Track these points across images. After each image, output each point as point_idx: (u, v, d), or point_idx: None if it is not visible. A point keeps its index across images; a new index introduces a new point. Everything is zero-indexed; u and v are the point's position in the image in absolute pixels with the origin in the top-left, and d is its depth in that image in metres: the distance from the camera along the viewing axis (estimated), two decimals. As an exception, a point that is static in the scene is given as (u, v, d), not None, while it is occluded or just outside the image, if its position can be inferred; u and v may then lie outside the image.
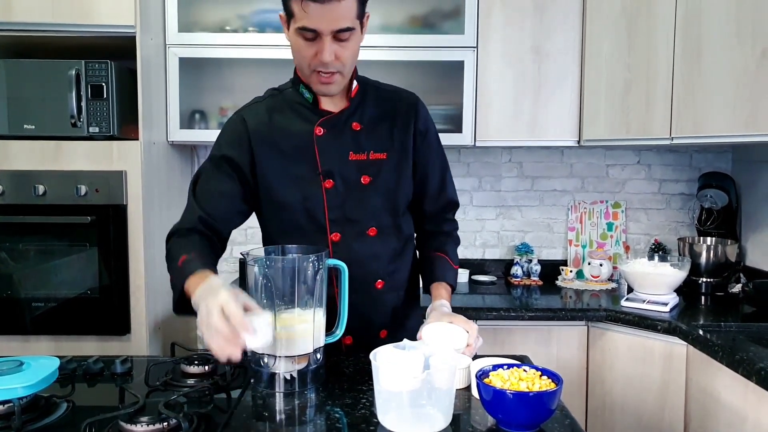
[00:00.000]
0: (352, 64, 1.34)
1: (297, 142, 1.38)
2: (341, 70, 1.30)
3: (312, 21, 1.22)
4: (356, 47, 1.31)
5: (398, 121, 1.43)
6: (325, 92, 1.35)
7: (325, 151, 1.38)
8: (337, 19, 1.22)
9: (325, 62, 1.26)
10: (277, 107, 1.42)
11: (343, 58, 1.28)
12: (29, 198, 2.07)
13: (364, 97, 1.43)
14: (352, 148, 1.39)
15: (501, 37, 2.40)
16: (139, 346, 2.14)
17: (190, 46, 2.36)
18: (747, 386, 1.59)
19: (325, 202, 1.38)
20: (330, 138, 1.38)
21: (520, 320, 2.18)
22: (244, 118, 1.41)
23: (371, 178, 1.39)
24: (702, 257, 2.39)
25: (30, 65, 2.08)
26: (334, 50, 1.26)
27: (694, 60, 2.11)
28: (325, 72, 1.29)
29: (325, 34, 1.23)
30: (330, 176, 1.38)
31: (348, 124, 1.40)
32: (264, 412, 1.14)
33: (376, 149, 1.40)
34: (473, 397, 1.19)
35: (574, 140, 2.44)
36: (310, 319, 1.22)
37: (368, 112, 1.42)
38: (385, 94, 1.47)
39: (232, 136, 1.41)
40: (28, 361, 1.16)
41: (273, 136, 1.39)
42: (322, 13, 1.20)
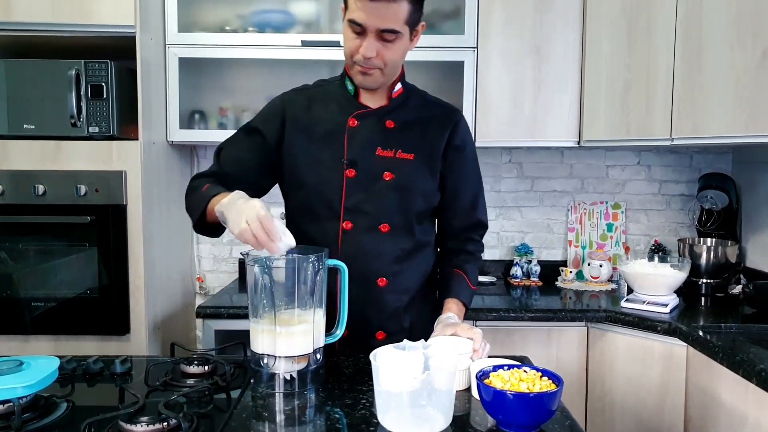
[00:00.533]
0: (394, 66, 1.37)
1: (329, 129, 1.43)
2: (381, 68, 1.35)
3: (360, 16, 1.27)
4: (401, 51, 1.35)
5: (433, 128, 1.46)
6: (363, 84, 1.39)
7: (354, 141, 1.41)
8: (384, 19, 1.27)
9: (366, 57, 1.31)
10: (318, 97, 1.48)
11: (385, 57, 1.33)
12: (29, 198, 2.07)
13: (406, 101, 1.47)
14: (381, 143, 1.42)
15: (501, 37, 2.40)
16: (138, 346, 2.14)
17: (189, 46, 2.36)
18: (747, 387, 1.59)
19: (344, 189, 1.40)
20: (362, 130, 1.42)
21: (520, 321, 2.18)
22: (284, 99, 1.49)
23: (393, 176, 1.41)
24: (702, 258, 2.39)
25: (30, 65, 2.08)
26: (377, 48, 1.31)
27: (695, 60, 2.11)
28: (364, 66, 1.34)
29: (370, 31, 1.29)
30: (353, 166, 1.40)
31: (383, 120, 1.43)
32: (264, 413, 1.13)
33: (405, 149, 1.42)
34: (473, 398, 1.19)
35: (574, 141, 2.44)
36: (309, 320, 1.22)
37: (406, 114, 1.46)
38: (428, 103, 1.51)
39: (268, 113, 1.49)
40: (27, 360, 1.16)
41: (307, 120, 1.45)
42: (371, 10, 1.26)
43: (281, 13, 2.44)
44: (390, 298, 1.45)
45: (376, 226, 1.42)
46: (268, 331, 1.20)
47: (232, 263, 2.81)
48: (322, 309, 1.26)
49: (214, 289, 2.77)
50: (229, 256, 2.81)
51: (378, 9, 1.26)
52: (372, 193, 1.40)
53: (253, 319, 1.23)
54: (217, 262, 2.81)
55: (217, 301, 2.32)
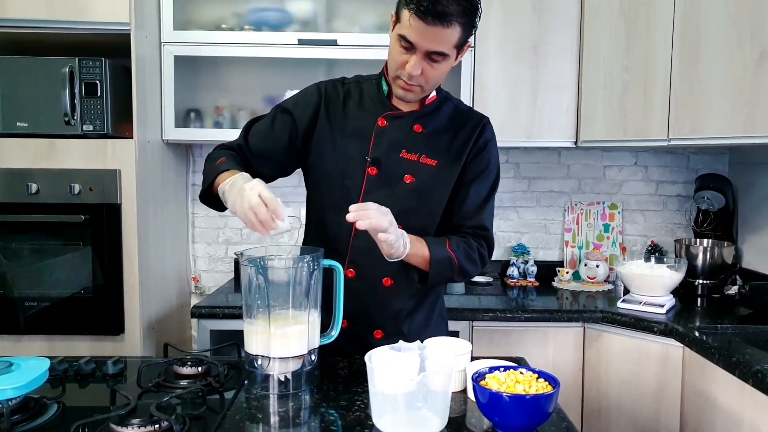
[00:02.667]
0: (435, 84, 1.39)
1: (359, 125, 1.44)
2: (423, 86, 1.35)
3: (412, 34, 1.26)
4: (445, 70, 1.35)
5: (460, 137, 1.45)
6: (403, 97, 1.39)
7: (380, 141, 1.42)
8: (435, 41, 1.26)
9: (411, 75, 1.31)
10: (353, 93, 1.48)
11: (428, 76, 1.33)
12: (22, 196, 2.05)
13: (438, 109, 1.47)
14: (407, 146, 1.42)
15: (499, 37, 2.39)
16: (132, 346, 2.12)
17: (185, 44, 2.35)
18: (743, 388, 1.59)
19: (363, 186, 1.41)
20: (390, 131, 1.43)
21: (517, 321, 2.17)
22: (321, 89, 1.48)
23: (414, 179, 1.41)
24: (698, 259, 2.39)
25: (23, 62, 2.07)
26: (423, 67, 1.30)
27: (692, 61, 2.11)
28: (407, 81, 1.33)
29: (419, 50, 1.28)
30: (376, 164, 1.41)
31: (411, 124, 1.43)
32: (258, 414, 1.12)
33: (429, 155, 1.42)
34: (469, 400, 1.18)
35: (571, 141, 2.44)
36: (304, 321, 1.21)
37: (436, 121, 1.45)
38: (460, 112, 1.50)
39: (303, 98, 1.48)
40: (17, 362, 1.14)
41: (340, 114, 1.46)
42: (424, 32, 1.25)
43: (278, 12, 2.42)
44: (394, 300, 1.44)
45: None
46: (262, 332, 1.19)
47: (227, 263, 2.80)
48: (317, 310, 1.25)
49: (209, 289, 2.76)
50: (224, 255, 2.80)
51: (431, 32, 1.25)
52: (391, 193, 1.40)
53: (248, 320, 1.22)
54: (212, 261, 2.80)
55: (213, 300, 2.30)
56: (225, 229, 2.79)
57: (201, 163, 2.76)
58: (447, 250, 1.40)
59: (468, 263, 1.42)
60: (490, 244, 1.48)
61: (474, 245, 1.44)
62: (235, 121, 2.53)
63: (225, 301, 2.30)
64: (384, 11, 2.35)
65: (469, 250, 1.43)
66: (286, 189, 2.78)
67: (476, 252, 1.44)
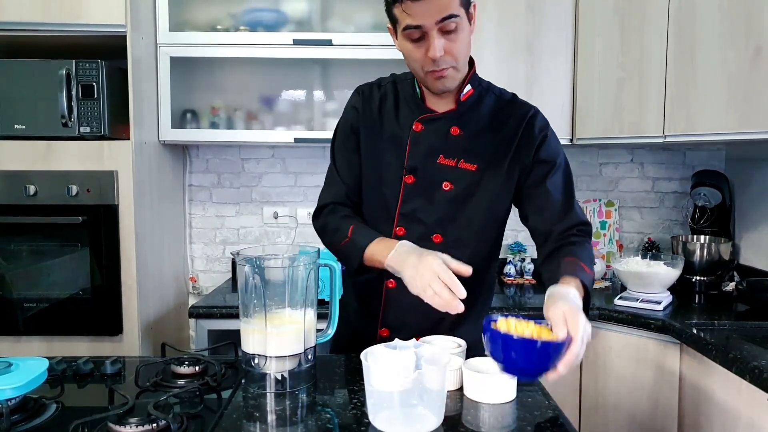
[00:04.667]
0: (465, 58, 1.29)
1: (395, 131, 1.38)
2: (454, 65, 1.26)
3: (415, 18, 1.20)
4: (466, 39, 1.26)
5: (504, 134, 1.36)
6: (442, 88, 1.30)
7: (416, 147, 1.36)
8: (438, 8, 1.19)
9: (436, 58, 1.23)
10: (389, 96, 1.42)
11: (454, 51, 1.24)
12: (20, 198, 2.06)
13: (478, 104, 1.38)
14: (444, 151, 1.35)
15: (493, 35, 2.39)
16: (131, 347, 2.13)
17: (181, 46, 2.35)
18: (740, 385, 1.59)
19: (401, 195, 1.36)
20: (425, 136, 1.36)
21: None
22: (359, 94, 1.44)
23: (453, 186, 1.35)
24: (695, 256, 2.39)
25: (20, 65, 2.07)
26: (443, 45, 1.22)
27: (687, 58, 2.11)
28: (437, 69, 1.25)
29: (430, 29, 1.20)
30: (413, 173, 1.36)
31: (448, 126, 1.36)
32: (255, 413, 1.13)
33: (468, 159, 1.34)
34: (465, 398, 1.19)
35: (567, 139, 2.44)
36: (300, 320, 1.21)
37: (476, 119, 1.37)
38: (503, 104, 1.40)
39: (354, 106, 1.44)
40: (16, 362, 1.15)
41: (377, 119, 1.40)
42: (423, 8, 1.18)
43: (273, 12, 2.43)
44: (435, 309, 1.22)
45: (429, 236, 1.35)
46: (258, 331, 1.20)
47: (224, 263, 2.80)
48: (313, 309, 1.25)
49: (206, 289, 2.76)
50: (221, 255, 2.80)
51: (431, 2, 1.18)
52: (429, 202, 1.35)
53: (244, 319, 1.23)
54: (209, 261, 2.81)
55: (210, 300, 2.31)
56: (222, 229, 2.79)
57: (197, 163, 2.77)
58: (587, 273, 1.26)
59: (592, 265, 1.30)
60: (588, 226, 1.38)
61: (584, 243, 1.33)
62: (231, 121, 2.54)
63: (222, 301, 2.30)
64: (378, 10, 2.34)
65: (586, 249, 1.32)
66: (281, 189, 2.79)
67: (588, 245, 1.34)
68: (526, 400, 1.18)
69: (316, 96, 2.58)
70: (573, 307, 1.09)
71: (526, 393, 1.21)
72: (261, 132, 2.47)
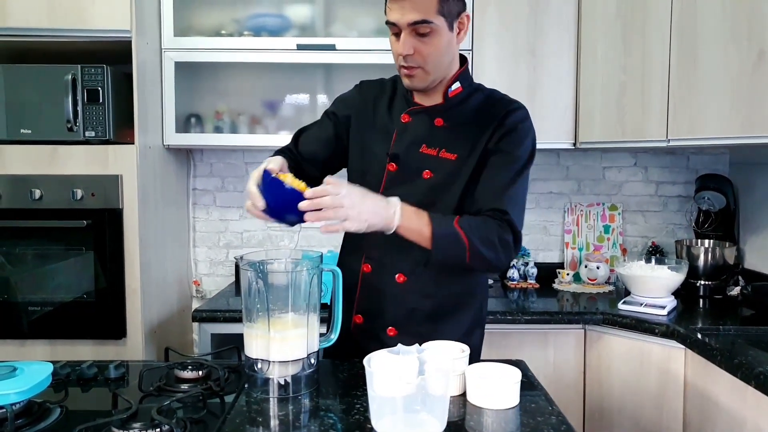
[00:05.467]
0: (436, 63, 1.35)
1: (385, 123, 1.47)
2: (422, 66, 1.34)
3: (392, 15, 1.31)
4: (441, 46, 1.33)
5: (483, 126, 1.40)
6: (409, 86, 1.40)
7: (402, 137, 1.43)
8: (414, 10, 1.27)
9: (402, 54, 1.32)
10: (386, 91, 1.51)
11: (423, 53, 1.32)
12: (26, 202, 2.07)
13: (465, 101, 1.44)
14: (427, 141, 1.41)
15: (496, 39, 2.40)
16: (134, 351, 2.13)
17: (185, 51, 2.36)
18: (746, 390, 1.59)
19: (384, 182, 1.42)
20: (412, 126, 1.44)
21: (517, 324, 2.17)
22: (359, 89, 1.56)
23: (432, 174, 1.40)
24: (700, 260, 2.39)
25: (26, 70, 2.08)
26: (413, 44, 1.31)
27: (690, 61, 2.11)
28: (406, 66, 1.34)
29: (404, 28, 1.30)
30: (395, 160, 1.42)
31: (432, 119, 1.43)
32: (258, 418, 1.13)
33: (449, 149, 1.40)
34: (468, 403, 1.19)
35: (570, 142, 2.44)
36: (304, 324, 1.21)
37: (461, 114, 1.43)
38: (490, 102, 1.45)
39: (344, 99, 1.56)
40: (21, 366, 1.16)
41: (370, 111, 1.50)
42: (399, 7, 1.29)
43: (277, 17, 2.44)
44: (407, 297, 1.40)
45: None
46: (262, 335, 1.20)
47: (228, 266, 2.81)
48: (316, 313, 1.25)
49: (210, 293, 2.77)
50: (225, 259, 2.81)
51: (404, 3, 1.28)
52: (409, 189, 1.39)
53: (247, 324, 1.23)
54: (213, 265, 2.81)
55: (214, 304, 2.31)
56: (226, 233, 2.80)
57: (201, 167, 2.78)
58: (454, 226, 1.27)
59: (482, 245, 1.27)
60: (515, 230, 1.33)
61: (494, 227, 1.30)
62: (235, 125, 2.55)
63: (226, 304, 2.31)
64: (381, 15, 2.35)
65: (485, 231, 1.29)
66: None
67: (495, 234, 1.29)
68: (529, 405, 1.18)
69: (319, 100, 2.58)
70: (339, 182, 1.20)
71: (530, 398, 1.21)
72: (265, 136, 2.48)
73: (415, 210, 1.28)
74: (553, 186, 2.80)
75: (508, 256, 1.33)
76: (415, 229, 1.27)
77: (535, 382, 1.32)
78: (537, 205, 2.81)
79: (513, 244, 1.33)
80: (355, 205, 1.18)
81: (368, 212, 1.20)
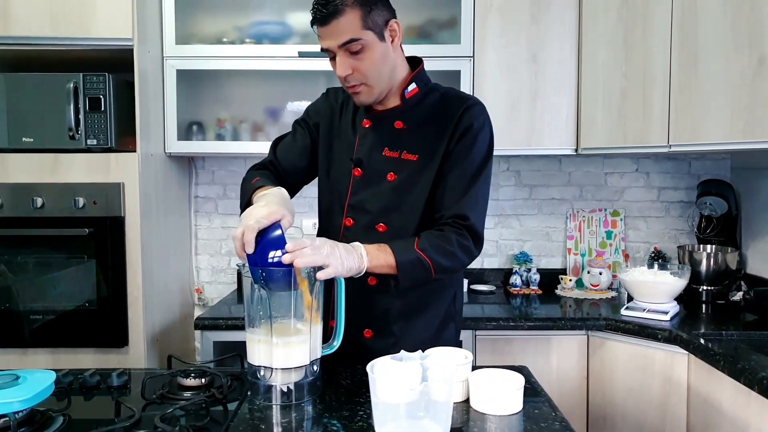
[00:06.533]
0: (377, 75, 1.37)
1: (349, 130, 1.49)
2: (365, 81, 1.36)
3: (323, 42, 1.34)
4: (374, 58, 1.34)
5: (441, 125, 1.42)
6: (359, 102, 1.42)
7: (364, 141, 1.46)
8: (339, 34, 1.30)
9: (341, 76, 1.35)
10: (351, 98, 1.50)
11: (362, 70, 1.34)
12: (27, 210, 2.07)
13: (422, 100, 1.46)
14: (389, 144, 1.43)
15: (497, 46, 2.40)
16: (137, 359, 2.13)
17: (187, 58, 2.37)
18: (749, 395, 1.58)
19: (350, 187, 1.45)
20: (372, 131, 1.46)
21: (520, 330, 2.17)
22: (326, 94, 1.59)
23: (396, 177, 1.42)
24: (702, 265, 2.39)
25: (29, 78, 2.09)
26: (350, 64, 1.33)
27: (691, 67, 2.12)
28: (349, 86, 1.38)
29: (336, 51, 1.32)
30: (359, 165, 1.45)
31: (392, 121, 1.45)
32: (261, 425, 1.13)
33: (410, 150, 1.42)
34: (472, 410, 1.18)
35: (571, 148, 2.45)
36: (306, 331, 1.21)
37: (419, 114, 1.44)
38: (446, 99, 1.46)
39: (314, 107, 1.59)
40: (24, 374, 1.15)
41: (336, 119, 1.53)
42: (326, 33, 1.31)
43: (278, 25, 2.45)
44: (379, 299, 1.43)
45: (374, 226, 1.43)
46: (264, 342, 1.20)
47: (230, 274, 2.80)
48: (319, 321, 1.25)
49: (212, 301, 2.77)
50: (227, 267, 2.81)
51: (330, 29, 1.30)
52: (375, 192, 1.43)
53: (250, 331, 1.23)
54: (215, 273, 2.81)
55: (216, 312, 2.31)
56: (227, 240, 2.80)
57: (203, 175, 2.78)
58: (415, 250, 1.31)
59: (443, 258, 1.33)
60: (475, 234, 1.38)
61: (452, 237, 1.35)
62: (237, 133, 2.55)
63: (228, 312, 2.30)
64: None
65: (442, 244, 1.34)
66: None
67: (454, 244, 1.34)
68: (532, 411, 1.18)
69: (321, 107, 2.59)
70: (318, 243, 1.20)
71: (533, 405, 1.21)
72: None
73: (376, 246, 1.31)
74: (555, 192, 2.80)
75: (470, 257, 1.39)
76: (383, 264, 1.30)
77: (538, 388, 1.32)
78: (539, 211, 2.81)
79: (474, 245, 1.39)
80: (332, 252, 1.21)
81: (344, 257, 1.23)
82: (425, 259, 1.32)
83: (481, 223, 1.41)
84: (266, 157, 1.59)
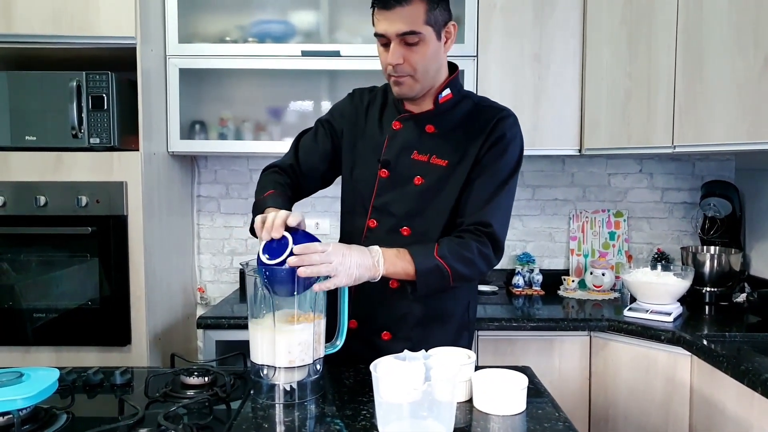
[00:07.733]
0: (424, 70, 1.37)
1: (376, 131, 1.49)
2: (412, 74, 1.36)
3: (381, 26, 1.33)
4: (429, 54, 1.35)
5: (473, 133, 1.42)
6: (399, 94, 1.41)
7: (393, 143, 1.45)
8: (402, 23, 1.30)
9: (392, 64, 1.34)
10: (378, 99, 1.53)
11: (412, 62, 1.34)
12: (30, 209, 2.07)
13: (455, 107, 1.46)
14: (418, 147, 1.43)
15: (501, 46, 2.40)
16: (139, 357, 2.13)
17: (190, 57, 2.37)
18: (752, 397, 1.58)
19: (375, 188, 1.44)
20: (402, 133, 1.45)
21: (522, 331, 2.16)
22: (352, 96, 1.57)
23: (423, 181, 1.41)
24: (705, 266, 2.38)
25: (31, 77, 2.09)
26: (402, 54, 1.33)
27: (696, 68, 2.11)
28: (395, 75, 1.36)
29: (392, 38, 1.32)
30: (387, 166, 1.44)
31: (423, 125, 1.44)
32: (264, 424, 1.13)
33: (440, 155, 1.41)
34: (475, 410, 1.18)
35: (575, 149, 2.44)
36: (309, 330, 1.21)
37: (451, 120, 1.44)
38: (479, 108, 1.47)
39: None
40: (27, 372, 1.15)
41: (362, 119, 1.52)
42: (387, 19, 1.31)
43: (281, 24, 2.45)
44: (399, 303, 1.43)
45: (398, 229, 1.43)
46: (268, 328, 1.20)
47: (233, 273, 2.80)
48: (322, 320, 1.25)
49: (215, 300, 2.77)
50: (230, 266, 2.81)
51: (394, 15, 1.30)
52: (401, 195, 1.42)
53: (253, 321, 1.23)
54: (218, 272, 2.81)
55: (218, 311, 2.31)
56: (230, 239, 2.80)
57: (206, 174, 2.79)
58: (434, 257, 1.30)
59: (463, 266, 1.32)
60: (496, 241, 1.38)
61: (472, 244, 1.34)
62: (240, 132, 2.55)
63: (230, 311, 2.30)
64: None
65: (462, 251, 1.33)
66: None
67: (474, 252, 1.33)
68: (535, 411, 1.18)
69: (323, 107, 2.58)
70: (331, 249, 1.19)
71: (536, 405, 1.21)
72: (269, 143, 2.48)
73: (395, 252, 1.29)
74: (558, 193, 2.80)
75: (489, 266, 1.39)
76: (400, 272, 1.29)
77: (541, 388, 1.31)
78: (542, 212, 2.81)
79: (494, 253, 1.39)
80: (343, 261, 1.19)
81: (355, 265, 1.21)
82: (444, 267, 1.31)
83: (503, 232, 1.41)
84: (287, 154, 1.57)
